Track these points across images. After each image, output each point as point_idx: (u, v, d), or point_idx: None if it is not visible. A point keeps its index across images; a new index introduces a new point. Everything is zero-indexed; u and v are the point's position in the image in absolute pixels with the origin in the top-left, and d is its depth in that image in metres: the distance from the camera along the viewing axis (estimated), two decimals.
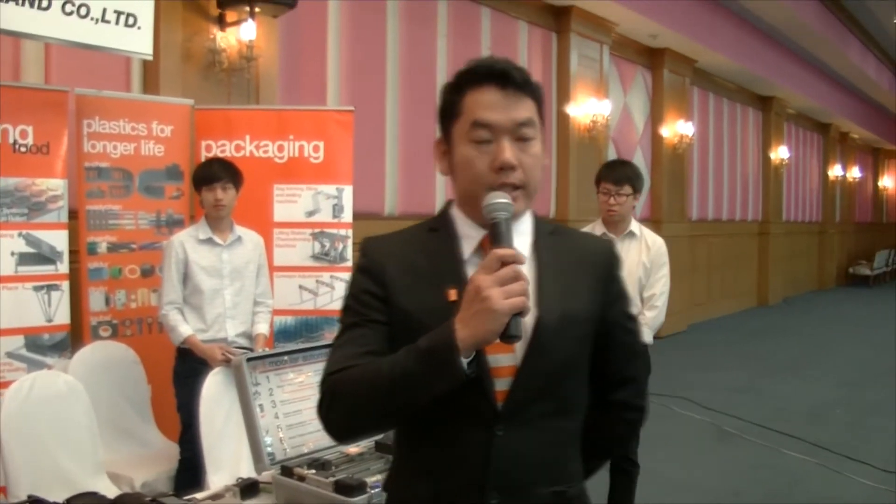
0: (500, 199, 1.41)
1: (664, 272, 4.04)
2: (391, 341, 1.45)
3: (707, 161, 13.69)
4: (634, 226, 4.10)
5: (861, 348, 10.84)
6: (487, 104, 1.46)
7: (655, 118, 11.66)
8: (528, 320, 1.42)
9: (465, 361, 1.31)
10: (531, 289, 1.40)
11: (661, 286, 4.01)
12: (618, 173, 4.02)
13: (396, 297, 1.47)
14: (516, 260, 1.32)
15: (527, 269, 1.42)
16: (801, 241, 18.37)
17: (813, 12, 12.97)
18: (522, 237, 1.51)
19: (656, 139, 11.66)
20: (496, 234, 1.38)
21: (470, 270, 1.45)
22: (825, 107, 17.33)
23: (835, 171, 20.36)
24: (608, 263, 1.59)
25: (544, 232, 1.56)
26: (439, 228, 1.55)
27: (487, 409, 1.43)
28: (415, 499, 1.50)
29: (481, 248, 1.49)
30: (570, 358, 1.49)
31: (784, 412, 7.13)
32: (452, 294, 1.41)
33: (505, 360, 1.43)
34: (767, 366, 9.54)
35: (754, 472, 5.48)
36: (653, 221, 11.32)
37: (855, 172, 22.10)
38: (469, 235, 1.51)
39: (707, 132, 13.62)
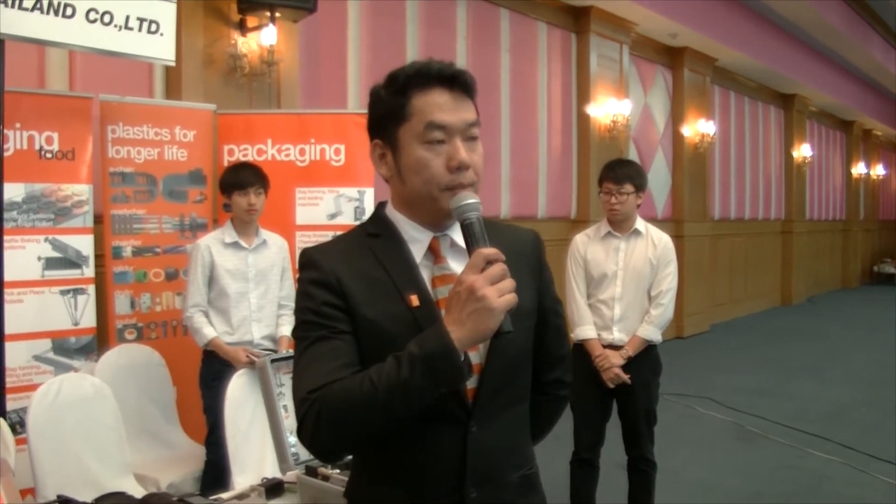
0: (470, 199, 1.43)
1: (671, 270, 4.02)
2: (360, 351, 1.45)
3: (729, 160, 13.62)
4: (640, 224, 4.08)
5: (885, 348, 10.72)
6: (439, 106, 1.47)
7: (676, 117, 11.62)
8: None
9: None
10: None
11: (667, 284, 4.00)
12: (618, 172, 4.01)
13: (358, 307, 1.46)
14: (499, 258, 1.35)
15: None
16: (825, 240, 18.22)
17: (834, 9, 12.86)
18: (460, 234, 1.51)
19: (677, 138, 11.61)
20: (472, 235, 1.41)
21: (424, 274, 1.50)
22: (848, 104, 17.18)
23: (858, 168, 20.18)
24: (537, 252, 1.66)
25: None
26: (380, 234, 1.55)
27: (460, 407, 1.47)
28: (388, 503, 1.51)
29: (430, 251, 1.53)
30: (523, 348, 1.56)
31: (807, 412, 7.09)
32: (414, 300, 1.45)
33: (471, 357, 1.44)
34: (791, 366, 9.47)
35: (778, 473, 5.45)
36: (674, 221, 11.29)
37: (879, 170, 21.88)
38: (416, 239, 1.53)
39: (728, 131, 13.55)
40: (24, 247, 4.09)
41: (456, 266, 1.52)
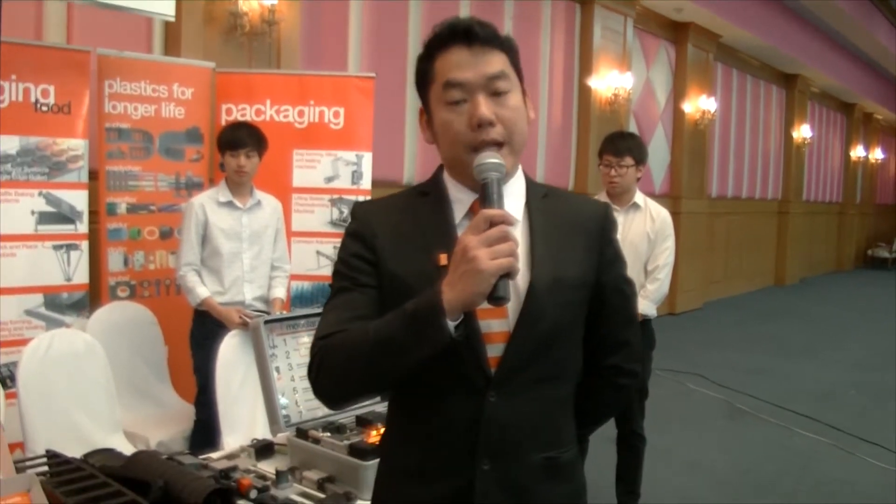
0: (491, 158, 1.38)
1: (668, 244, 4.00)
2: (382, 306, 1.43)
3: (728, 138, 13.58)
4: (639, 197, 4.06)
5: (877, 331, 10.78)
6: (456, 64, 1.43)
7: (678, 93, 11.55)
8: (521, 285, 1.40)
9: (452, 324, 1.28)
10: (523, 252, 1.38)
11: (664, 258, 3.98)
12: (618, 144, 3.98)
13: (386, 261, 1.45)
14: (505, 220, 1.28)
15: (518, 233, 1.40)
16: (821, 222, 18.23)
17: None
18: (514, 199, 1.49)
19: (678, 114, 11.56)
20: (486, 195, 1.35)
21: (461, 234, 1.43)
22: (850, 87, 17.12)
23: (857, 151, 20.15)
24: (602, 226, 1.55)
25: (537, 195, 1.53)
26: (430, 192, 1.52)
27: (479, 375, 1.41)
28: (405, 463, 1.49)
29: (471, 212, 1.47)
30: (562, 323, 1.46)
31: (798, 392, 7.12)
32: (443, 258, 1.38)
33: (497, 325, 1.41)
34: (782, 346, 9.51)
35: (766, 451, 5.47)
36: (672, 197, 11.26)
37: (878, 154, 21.86)
38: (460, 199, 1.49)
39: (729, 109, 13.49)
40: (17, 200, 4.05)
41: None
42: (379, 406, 2.49)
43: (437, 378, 1.40)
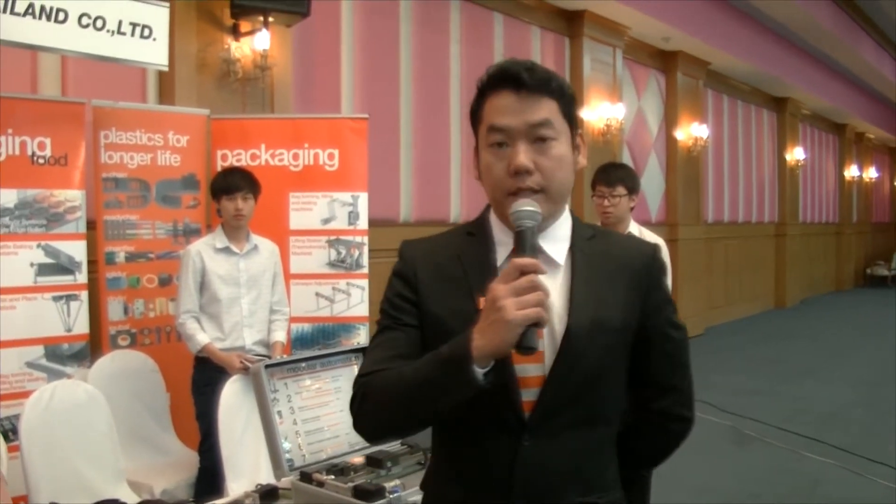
0: (527, 206, 1.38)
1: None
2: (423, 345, 1.46)
3: (722, 163, 13.64)
4: (633, 227, 4.08)
5: (880, 349, 10.75)
6: (502, 108, 1.44)
7: (669, 121, 11.63)
8: (559, 329, 1.41)
9: (481, 371, 1.29)
10: (563, 295, 1.41)
11: None
12: (610, 174, 4.01)
13: (427, 302, 1.49)
14: (536, 269, 1.29)
15: (560, 276, 1.44)
16: (819, 243, 18.26)
17: (826, 12, 12.90)
18: (559, 243, 1.50)
19: (671, 142, 11.63)
20: (519, 243, 1.36)
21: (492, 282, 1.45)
22: (840, 107, 17.23)
23: (851, 171, 20.23)
24: (648, 269, 1.53)
25: (583, 237, 1.53)
26: (476, 233, 1.54)
27: (514, 419, 1.42)
28: (445, 501, 1.52)
29: (513, 255, 1.43)
30: (601, 366, 1.45)
31: (803, 414, 7.09)
32: (482, 301, 1.37)
33: (533, 369, 1.42)
34: (786, 368, 9.48)
35: (774, 475, 5.44)
36: (668, 225, 11.30)
37: (871, 173, 21.96)
38: (503, 241, 1.50)
39: (722, 134, 13.57)
40: (16, 253, 4.07)
41: None
42: (390, 446, 2.49)
43: (474, 419, 1.42)
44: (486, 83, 1.48)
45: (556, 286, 1.45)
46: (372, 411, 1.45)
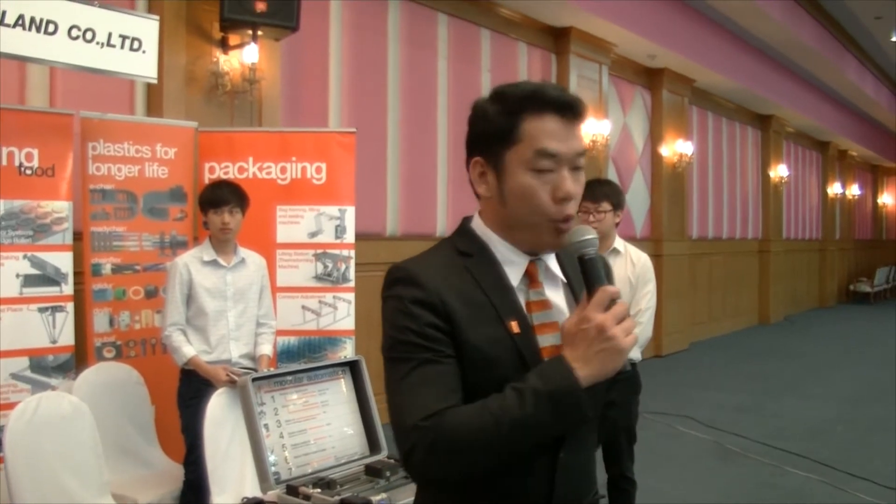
0: (590, 234, 1.42)
1: (650, 288, 4.05)
2: (462, 376, 1.41)
3: (707, 180, 13.74)
4: (619, 243, 4.11)
5: (863, 365, 10.83)
6: (551, 133, 1.42)
7: (655, 138, 11.72)
8: None
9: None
10: (571, 306, 1.48)
11: (646, 302, 4.02)
12: (595, 190, 4.03)
13: (461, 331, 1.40)
14: (619, 296, 1.35)
15: (561, 287, 1.51)
16: (802, 259, 18.39)
17: (810, 32, 13.05)
18: (552, 258, 1.54)
19: (656, 158, 11.71)
20: (594, 271, 1.39)
21: (521, 299, 1.46)
22: (824, 125, 17.39)
23: (834, 188, 20.41)
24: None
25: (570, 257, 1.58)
26: (473, 253, 1.49)
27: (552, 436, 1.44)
28: None
29: (527, 276, 1.49)
30: None
31: (786, 430, 7.12)
32: (514, 326, 1.41)
33: None
34: (769, 384, 9.52)
35: (757, 491, 5.47)
36: (653, 240, 11.36)
37: (854, 190, 22.15)
38: (512, 262, 1.49)
39: (706, 151, 13.67)
40: (2, 263, 4.06)
41: (550, 292, 1.51)
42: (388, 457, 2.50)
43: None
44: (523, 103, 1.44)
45: (560, 298, 1.52)
46: (446, 456, 1.34)
